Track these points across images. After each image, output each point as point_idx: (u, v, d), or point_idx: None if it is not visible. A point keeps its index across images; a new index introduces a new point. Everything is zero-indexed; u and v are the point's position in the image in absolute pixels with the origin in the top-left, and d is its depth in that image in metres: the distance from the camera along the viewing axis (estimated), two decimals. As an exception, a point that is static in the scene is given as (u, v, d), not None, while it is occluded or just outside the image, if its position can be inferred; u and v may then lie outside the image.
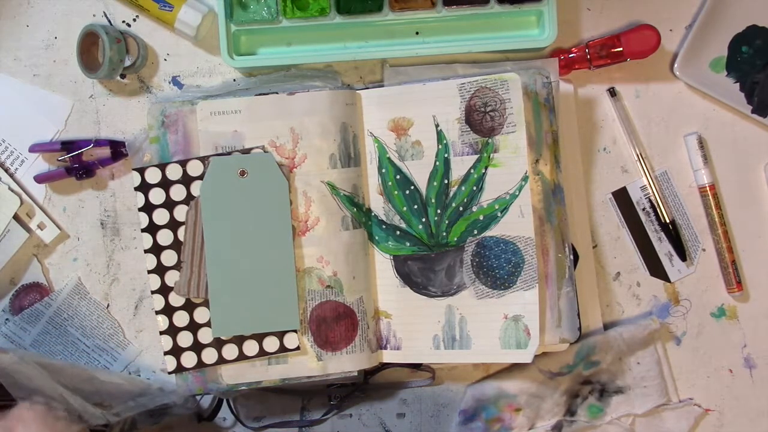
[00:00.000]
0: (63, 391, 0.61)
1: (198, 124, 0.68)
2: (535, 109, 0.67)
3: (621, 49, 0.70)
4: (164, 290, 0.68)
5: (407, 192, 0.69)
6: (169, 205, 0.68)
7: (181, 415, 0.73)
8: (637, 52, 0.70)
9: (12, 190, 0.71)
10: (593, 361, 0.72)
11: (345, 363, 0.68)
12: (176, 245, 0.68)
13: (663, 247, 0.74)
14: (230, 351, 0.68)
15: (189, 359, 0.68)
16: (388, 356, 0.70)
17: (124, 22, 0.72)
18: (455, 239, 0.68)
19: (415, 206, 0.69)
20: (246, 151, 0.67)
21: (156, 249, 0.68)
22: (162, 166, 0.68)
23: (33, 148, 0.72)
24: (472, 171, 0.67)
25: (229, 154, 0.67)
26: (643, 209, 0.74)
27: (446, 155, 0.68)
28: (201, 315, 0.68)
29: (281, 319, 0.67)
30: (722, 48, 0.72)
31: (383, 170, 0.69)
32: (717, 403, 0.75)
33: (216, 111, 0.68)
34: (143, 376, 0.74)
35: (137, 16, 0.72)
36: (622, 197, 0.74)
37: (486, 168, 0.67)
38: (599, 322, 0.73)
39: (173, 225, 0.68)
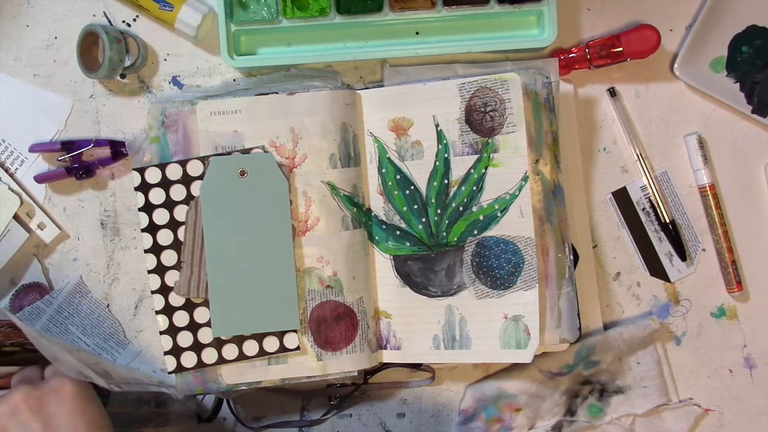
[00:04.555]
0: (75, 360, 0.61)
1: (198, 124, 0.68)
2: (535, 109, 0.67)
3: (621, 49, 0.70)
4: (164, 290, 0.68)
5: (407, 192, 0.69)
6: (169, 205, 0.68)
7: (182, 413, 0.73)
8: (637, 52, 0.70)
9: (12, 190, 0.71)
10: (593, 361, 0.72)
11: (345, 363, 0.68)
12: (176, 245, 0.68)
13: (663, 247, 0.74)
14: (230, 351, 0.68)
15: (189, 359, 0.68)
16: (388, 356, 0.70)
17: (124, 22, 0.72)
18: (455, 239, 0.68)
19: (415, 206, 0.69)
20: (246, 151, 0.67)
21: (156, 249, 0.68)
22: (162, 166, 0.68)
23: (33, 148, 0.72)
24: (472, 171, 0.67)
25: (229, 154, 0.67)
26: (643, 209, 0.74)
27: (446, 155, 0.68)
28: (201, 315, 0.68)
29: (281, 319, 0.67)
30: (722, 48, 0.72)
31: (383, 170, 0.69)
32: (717, 403, 0.75)
33: (216, 111, 0.68)
34: (143, 376, 0.74)
35: (137, 16, 0.72)
36: (622, 197, 0.74)
37: (486, 168, 0.67)
38: (599, 322, 0.73)
39: (173, 225, 0.68)
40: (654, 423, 0.74)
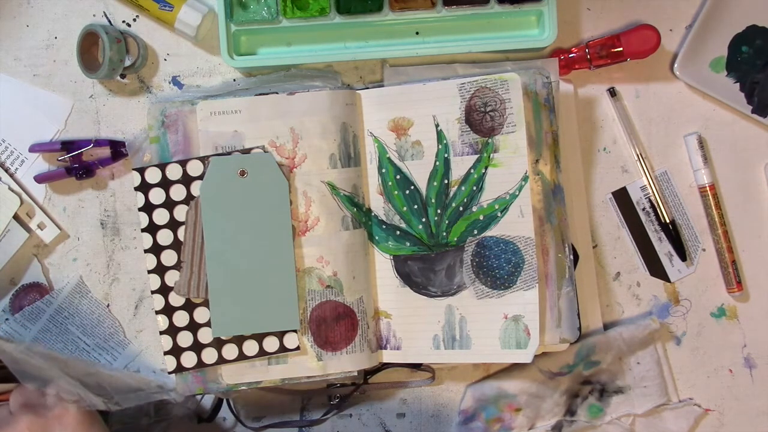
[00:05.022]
0: (69, 380, 0.62)
1: (198, 124, 0.68)
2: (535, 109, 0.67)
3: (621, 49, 0.70)
4: (164, 290, 0.68)
5: (407, 192, 0.69)
6: (169, 205, 0.68)
7: (182, 415, 0.73)
8: (637, 52, 0.70)
9: (12, 190, 0.71)
10: (593, 361, 0.72)
11: (345, 363, 0.68)
12: (176, 245, 0.68)
13: (663, 247, 0.74)
14: (230, 351, 0.68)
15: (189, 359, 0.68)
16: (388, 356, 0.70)
17: (124, 22, 0.72)
18: (455, 239, 0.68)
19: (415, 206, 0.69)
20: (246, 151, 0.67)
21: (156, 249, 0.68)
22: (162, 166, 0.68)
23: (33, 148, 0.72)
24: (472, 171, 0.67)
25: (229, 154, 0.67)
26: (643, 209, 0.74)
27: (446, 155, 0.68)
28: (201, 315, 0.68)
29: (281, 319, 0.67)
30: (722, 48, 0.72)
31: (383, 170, 0.69)
32: (717, 403, 0.75)
33: (216, 111, 0.68)
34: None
35: (137, 16, 0.72)
36: (622, 197, 0.74)
37: (486, 168, 0.67)
38: (599, 322, 0.73)
39: (173, 225, 0.68)
40: (654, 423, 0.74)
